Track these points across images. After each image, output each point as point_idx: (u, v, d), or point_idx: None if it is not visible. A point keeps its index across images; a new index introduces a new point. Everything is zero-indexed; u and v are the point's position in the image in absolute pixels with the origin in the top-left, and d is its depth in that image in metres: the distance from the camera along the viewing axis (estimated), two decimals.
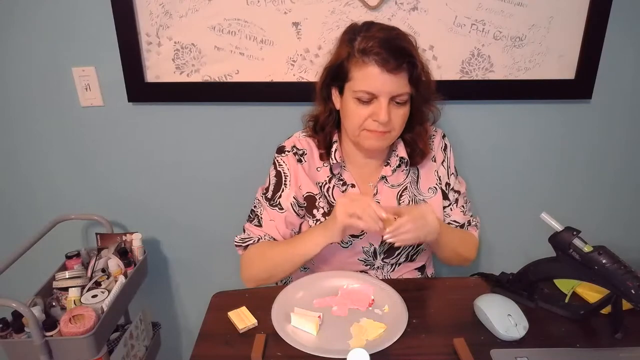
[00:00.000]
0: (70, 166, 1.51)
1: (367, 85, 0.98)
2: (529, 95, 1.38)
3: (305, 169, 1.14)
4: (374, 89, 0.98)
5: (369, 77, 0.98)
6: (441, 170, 1.18)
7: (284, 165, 1.14)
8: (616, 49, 1.33)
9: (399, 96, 1.00)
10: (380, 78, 0.97)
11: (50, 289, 1.27)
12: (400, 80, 0.98)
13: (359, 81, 0.99)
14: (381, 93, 0.98)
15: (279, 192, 1.14)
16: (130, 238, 1.42)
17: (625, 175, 1.51)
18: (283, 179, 1.14)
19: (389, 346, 0.83)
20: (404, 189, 1.14)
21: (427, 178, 1.17)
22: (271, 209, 1.15)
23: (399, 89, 0.99)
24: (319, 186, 1.14)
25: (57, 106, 1.43)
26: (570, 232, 0.84)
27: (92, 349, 1.13)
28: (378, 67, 0.96)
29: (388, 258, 1.14)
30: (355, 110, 1.01)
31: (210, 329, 0.91)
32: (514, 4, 1.27)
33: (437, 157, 1.18)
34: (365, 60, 0.97)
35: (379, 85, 0.97)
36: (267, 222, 1.15)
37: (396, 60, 0.95)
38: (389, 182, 1.14)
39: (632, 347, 0.84)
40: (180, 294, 1.70)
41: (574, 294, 0.98)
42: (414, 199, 1.14)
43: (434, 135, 1.18)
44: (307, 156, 1.14)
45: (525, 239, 1.55)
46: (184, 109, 1.43)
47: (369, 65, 0.97)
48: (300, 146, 1.15)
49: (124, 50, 1.33)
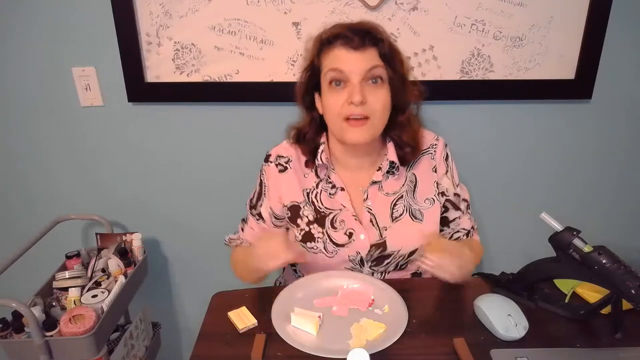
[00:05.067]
0: (70, 166, 1.51)
1: (334, 63, 0.98)
2: (529, 95, 1.38)
3: (290, 177, 1.10)
4: (343, 67, 0.97)
5: (337, 58, 0.98)
6: (445, 181, 1.12)
7: (264, 175, 1.13)
8: (616, 49, 1.33)
9: (370, 71, 0.97)
10: (347, 56, 0.97)
11: (50, 289, 1.27)
12: (368, 55, 0.97)
13: (328, 63, 0.99)
14: (351, 72, 0.97)
15: (260, 201, 1.14)
16: (130, 238, 1.42)
17: (625, 175, 1.51)
18: (263, 189, 1.13)
19: (389, 346, 0.83)
20: (399, 197, 1.09)
21: (425, 188, 1.11)
22: (252, 217, 1.16)
23: (368, 64, 0.97)
24: (306, 193, 1.10)
25: (57, 106, 1.43)
26: (570, 232, 0.84)
27: (92, 349, 1.13)
28: (344, 48, 0.97)
29: (377, 266, 1.08)
30: (332, 97, 0.99)
31: (210, 329, 0.91)
32: (514, 4, 1.27)
33: (438, 168, 1.12)
34: (331, 46, 0.99)
35: (349, 64, 0.97)
36: (248, 229, 1.17)
37: (360, 37, 0.96)
38: (383, 190, 1.09)
39: (632, 347, 0.84)
40: (180, 294, 1.70)
41: (574, 294, 0.98)
42: (409, 208, 1.09)
43: (436, 144, 1.13)
44: (293, 162, 1.11)
45: (525, 239, 1.55)
46: (184, 109, 1.43)
47: (334, 48, 0.98)
48: (286, 153, 1.12)
49: (124, 50, 1.33)
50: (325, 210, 1.08)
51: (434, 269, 0.90)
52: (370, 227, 1.07)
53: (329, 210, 1.08)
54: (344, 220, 1.07)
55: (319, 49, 1.02)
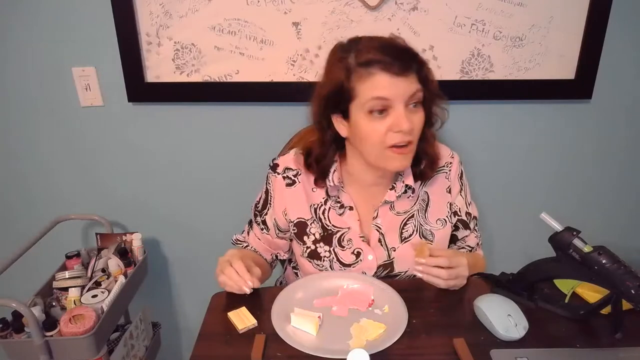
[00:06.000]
0: (70, 166, 1.51)
1: (377, 91, 0.90)
2: (529, 95, 1.38)
3: (297, 192, 1.06)
4: (387, 94, 0.90)
5: (379, 85, 0.90)
6: (458, 200, 1.10)
7: (271, 185, 1.09)
8: (616, 49, 1.33)
9: (412, 97, 0.92)
10: (390, 84, 0.89)
11: (50, 289, 1.27)
12: (410, 80, 0.91)
13: (367, 91, 0.90)
14: (395, 98, 0.90)
15: (265, 210, 1.11)
16: (130, 238, 1.42)
17: (625, 175, 1.51)
18: (269, 199, 1.10)
19: (389, 346, 0.83)
20: (410, 216, 1.06)
21: (437, 208, 1.08)
22: (256, 225, 1.14)
23: (411, 89, 0.91)
24: (314, 209, 1.06)
25: (57, 106, 1.43)
26: (570, 232, 0.84)
27: (92, 349, 1.13)
28: (386, 74, 0.89)
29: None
30: (371, 126, 0.92)
31: (210, 329, 0.91)
32: (514, 4, 1.27)
33: (453, 189, 1.09)
34: (370, 71, 0.90)
35: (392, 90, 0.90)
36: (252, 236, 1.16)
37: (402, 62, 0.89)
38: (394, 209, 1.06)
39: (632, 347, 0.84)
40: (180, 294, 1.70)
41: (574, 294, 0.98)
42: (420, 228, 1.06)
43: (451, 162, 1.10)
44: (301, 176, 1.07)
45: (525, 239, 1.55)
46: (184, 109, 1.43)
47: (374, 74, 0.89)
48: (295, 166, 1.07)
49: (124, 50, 1.33)
50: (332, 228, 1.05)
51: (426, 276, 0.95)
52: (378, 246, 1.05)
53: (337, 228, 1.05)
54: (352, 239, 1.05)
55: (349, 70, 0.92)
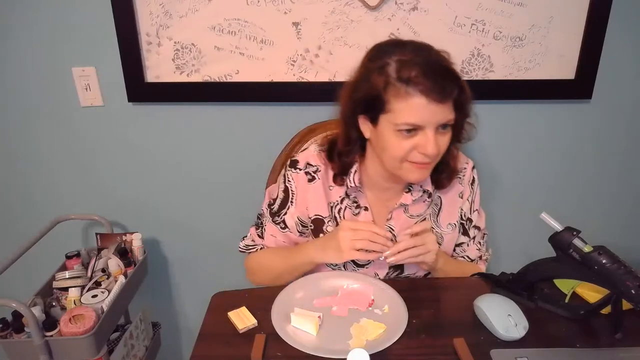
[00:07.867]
0: (70, 166, 1.51)
1: (412, 117, 0.87)
2: (529, 95, 1.38)
3: (317, 188, 1.06)
4: (420, 121, 0.88)
5: (414, 110, 0.87)
6: (466, 205, 1.11)
7: (292, 183, 1.07)
8: (616, 49, 1.33)
9: (444, 122, 0.90)
10: (426, 109, 0.86)
11: (50, 289, 1.27)
12: (447, 107, 0.88)
13: (401, 113, 0.88)
14: (428, 124, 0.88)
15: (285, 209, 1.09)
16: (130, 238, 1.42)
17: (625, 176, 1.51)
18: (290, 197, 1.08)
19: (389, 346, 0.83)
20: (422, 220, 1.08)
21: (449, 212, 1.09)
22: (274, 225, 1.11)
23: (445, 117, 0.89)
24: (330, 207, 1.07)
25: (57, 106, 1.43)
26: (570, 232, 0.84)
27: (92, 349, 1.13)
28: (424, 98, 0.85)
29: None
30: (396, 143, 0.91)
31: (210, 329, 0.91)
32: (514, 4, 1.27)
33: (464, 194, 1.10)
34: (409, 91, 0.86)
35: (425, 116, 0.87)
36: (268, 235, 1.12)
37: (444, 89, 0.86)
38: (408, 212, 1.07)
39: (632, 347, 0.84)
40: (180, 294, 1.70)
41: (574, 294, 0.98)
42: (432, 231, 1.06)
43: (465, 168, 1.10)
44: (320, 173, 1.06)
45: (525, 239, 1.55)
46: (184, 109, 1.43)
47: (413, 96, 0.86)
48: (315, 162, 1.07)
49: (124, 50, 1.33)
50: None
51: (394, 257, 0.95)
52: None
53: None
54: None
55: (387, 82, 0.88)
